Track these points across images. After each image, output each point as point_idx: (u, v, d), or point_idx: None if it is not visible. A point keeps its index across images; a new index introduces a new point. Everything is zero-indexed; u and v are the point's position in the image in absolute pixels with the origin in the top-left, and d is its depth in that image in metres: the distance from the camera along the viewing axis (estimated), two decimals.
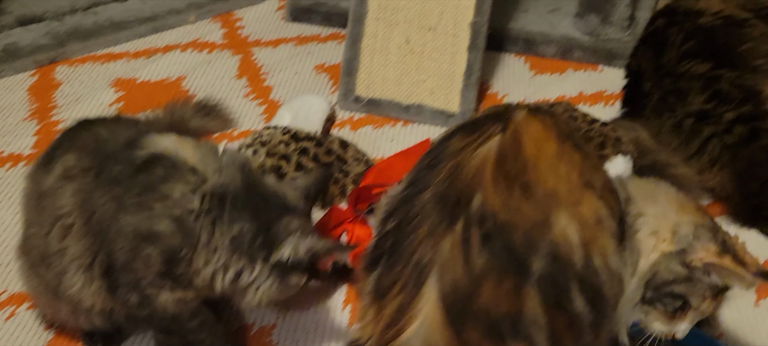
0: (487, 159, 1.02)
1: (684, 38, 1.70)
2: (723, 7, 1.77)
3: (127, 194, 1.13)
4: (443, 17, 1.86)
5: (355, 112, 1.92)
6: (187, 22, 2.26)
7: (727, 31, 1.72)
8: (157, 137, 1.20)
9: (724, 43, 1.70)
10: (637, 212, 1.11)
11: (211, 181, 1.14)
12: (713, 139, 1.61)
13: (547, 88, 1.99)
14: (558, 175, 1.02)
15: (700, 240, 1.09)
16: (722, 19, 1.74)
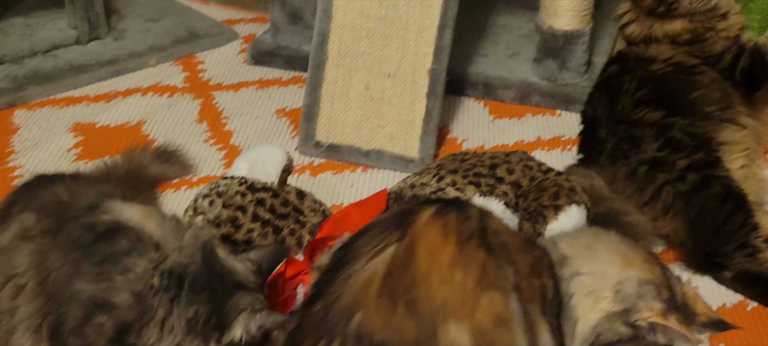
0: (376, 273, 1.01)
1: (637, 86, 1.74)
2: (673, 53, 1.81)
3: (86, 260, 1.12)
4: (402, 64, 1.88)
5: (315, 157, 1.92)
6: (149, 66, 2.26)
7: (678, 78, 1.76)
8: (121, 205, 1.19)
9: (676, 91, 1.74)
10: (571, 272, 1.09)
11: (171, 258, 1.14)
12: (667, 186, 1.64)
13: (506, 132, 2.02)
14: (451, 285, 1.00)
15: (644, 298, 1.07)
16: (672, 65, 1.78)
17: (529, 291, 1.05)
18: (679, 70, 1.77)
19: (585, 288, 1.08)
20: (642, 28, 1.86)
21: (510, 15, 2.42)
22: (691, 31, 1.83)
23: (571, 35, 2.03)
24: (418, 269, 1.01)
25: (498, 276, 1.03)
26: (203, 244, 1.16)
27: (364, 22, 1.89)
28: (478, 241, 1.05)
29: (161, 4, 2.54)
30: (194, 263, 1.14)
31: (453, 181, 1.54)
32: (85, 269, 1.11)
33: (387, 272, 1.01)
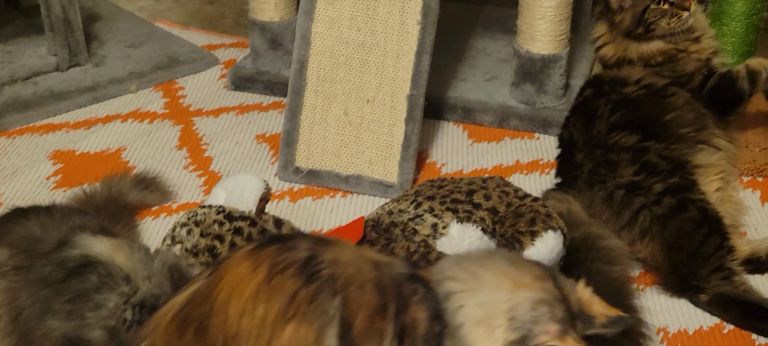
0: (174, 305, 1.01)
1: (612, 109, 1.76)
2: (643, 74, 1.82)
3: (57, 298, 1.12)
4: (381, 90, 1.89)
5: (294, 183, 1.93)
6: (129, 92, 2.27)
7: (651, 101, 1.78)
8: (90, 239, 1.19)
9: (650, 114, 1.76)
10: (457, 305, 1.03)
11: (142, 290, 1.14)
12: (644, 210, 1.65)
13: (485, 156, 2.03)
14: (251, 316, 0.98)
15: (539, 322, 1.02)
16: (645, 87, 1.80)
17: (366, 324, 1.00)
18: (652, 93, 1.79)
19: (474, 319, 1.03)
20: (617, 50, 1.87)
21: (489, 39, 2.44)
22: (665, 52, 1.85)
23: (549, 59, 2.05)
24: (217, 301, 0.99)
25: (311, 307, 0.99)
26: (170, 269, 1.16)
27: (343, 48, 1.91)
28: (296, 271, 1.01)
29: (142, 30, 2.55)
30: (165, 292, 1.14)
31: (430, 207, 1.54)
32: (57, 307, 1.11)
33: (185, 303, 1.00)
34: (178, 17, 2.77)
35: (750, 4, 1.96)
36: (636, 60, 1.84)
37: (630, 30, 1.82)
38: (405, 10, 1.87)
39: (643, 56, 1.84)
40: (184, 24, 2.70)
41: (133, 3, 2.87)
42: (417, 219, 1.52)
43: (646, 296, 1.60)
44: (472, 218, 1.52)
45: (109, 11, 2.68)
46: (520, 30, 2.06)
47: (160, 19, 2.72)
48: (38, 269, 1.15)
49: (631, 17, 1.80)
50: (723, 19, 1.98)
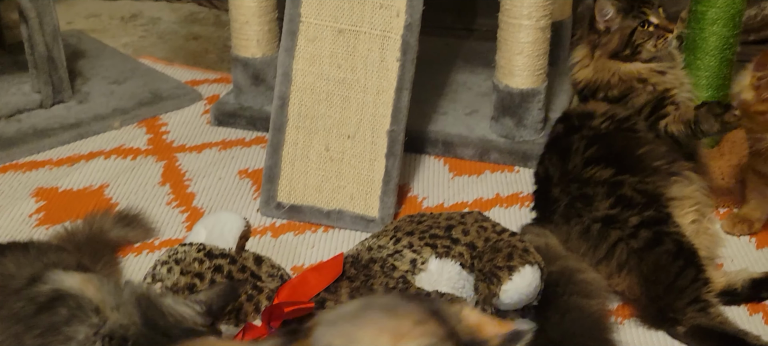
0: None
1: (587, 144, 1.78)
2: (608, 108, 1.85)
3: (28, 332, 1.13)
4: (361, 126, 1.91)
5: (277, 218, 1.94)
6: (112, 128, 2.28)
7: (625, 135, 1.80)
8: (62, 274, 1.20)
9: (624, 148, 1.78)
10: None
11: (111, 320, 1.15)
12: (620, 243, 1.67)
13: (465, 189, 2.05)
14: None
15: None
16: (609, 119, 1.82)
17: None
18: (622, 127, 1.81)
19: None
20: (596, 72, 1.87)
21: (469, 73, 2.47)
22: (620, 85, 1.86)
23: (527, 94, 2.08)
24: None
25: None
26: (138, 299, 1.17)
27: (324, 85, 1.93)
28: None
29: (126, 67, 2.57)
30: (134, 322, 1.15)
31: (410, 243, 1.56)
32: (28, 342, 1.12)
33: None
34: (163, 53, 2.79)
35: (723, 39, 1.99)
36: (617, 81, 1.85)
37: (617, 51, 1.83)
38: (384, 48, 1.90)
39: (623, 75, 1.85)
40: (168, 60, 2.72)
41: (117, 39, 2.89)
42: (396, 255, 1.54)
43: (625, 329, 1.62)
44: (451, 253, 1.54)
45: (94, 48, 2.70)
46: (498, 65, 2.09)
47: (144, 55, 2.74)
48: (10, 305, 1.15)
49: (619, 39, 1.82)
50: (697, 53, 2.01)
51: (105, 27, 3.01)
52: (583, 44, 1.92)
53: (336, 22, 1.92)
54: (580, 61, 1.93)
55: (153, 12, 3.14)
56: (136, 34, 2.96)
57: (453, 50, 2.63)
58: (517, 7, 1.99)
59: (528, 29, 2.00)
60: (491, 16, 2.09)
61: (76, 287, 1.17)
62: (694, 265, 1.62)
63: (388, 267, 1.51)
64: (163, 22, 3.05)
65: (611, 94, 1.86)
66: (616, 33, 1.83)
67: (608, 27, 1.84)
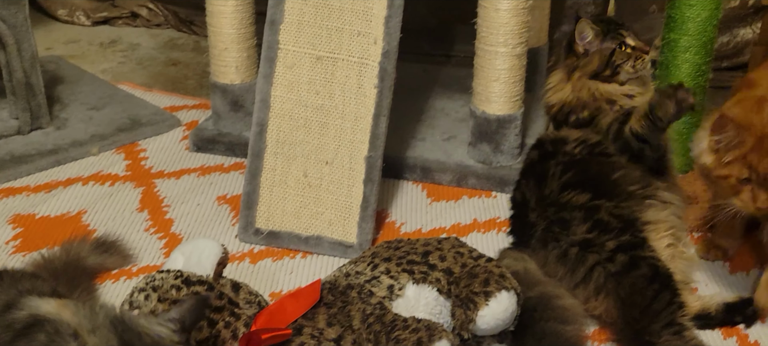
0: None
1: (562, 170, 1.80)
2: (580, 134, 1.88)
3: None
4: (339, 152, 1.92)
5: (255, 244, 1.94)
6: (90, 154, 2.28)
7: (598, 160, 1.83)
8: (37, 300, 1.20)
9: (599, 173, 1.81)
10: None
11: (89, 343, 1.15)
12: (598, 267, 1.68)
13: (443, 215, 2.06)
14: None
15: None
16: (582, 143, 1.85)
17: None
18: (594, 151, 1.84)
19: None
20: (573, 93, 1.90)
21: (447, 99, 2.49)
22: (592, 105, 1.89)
23: (504, 120, 2.10)
24: None
25: None
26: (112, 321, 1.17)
27: (302, 111, 1.94)
28: None
29: (104, 93, 2.57)
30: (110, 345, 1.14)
31: (387, 269, 1.57)
32: None
33: None
34: (142, 79, 2.80)
35: (695, 66, 2.03)
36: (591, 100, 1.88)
37: (597, 72, 1.87)
38: (362, 74, 1.91)
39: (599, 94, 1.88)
40: (147, 86, 2.72)
41: (96, 65, 2.89)
42: (373, 281, 1.55)
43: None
44: (428, 279, 1.55)
45: (72, 74, 2.70)
46: (475, 91, 2.11)
47: (123, 82, 2.74)
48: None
49: (599, 59, 1.86)
50: (670, 80, 2.04)
51: (84, 53, 3.01)
52: (558, 69, 1.96)
53: (314, 49, 1.94)
54: (555, 86, 1.97)
55: (132, 38, 3.14)
56: (115, 60, 2.96)
57: (431, 76, 2.66)
58: (493, 35, 2.01)
59: (504, 56, 2.02)
60: (469, 43, 2.11)
61: (52, 312, 1.17)
62: (669, 289, 1.64)
63: (365, 293, 1.52)
64: (142, 48, 3.06)
65: (582, 116, 1.88)
66: (596, 54, 1.87)
67: (587, 50, 1.87)
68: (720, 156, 1.61)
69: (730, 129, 1.57)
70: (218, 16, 2.20)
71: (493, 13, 1.99)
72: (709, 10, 1.96)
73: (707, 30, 1.98)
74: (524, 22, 2.01)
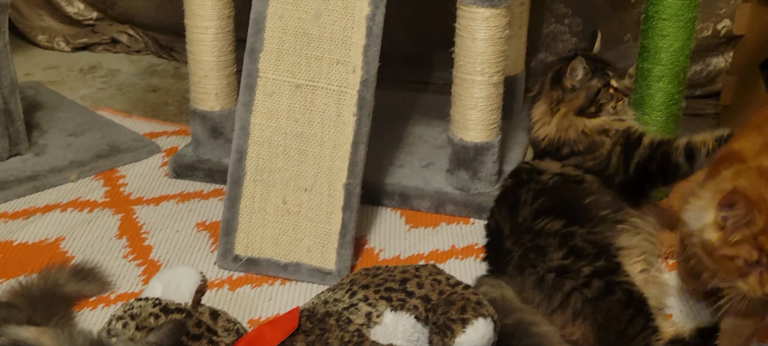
0: None
1: (534, 196, 1.83)
2: (561, 169, 1.93)
3: None
4: (318, 179, 1.94)
5: (234, 271, 1.95)
6: (69, 181, 2.28)
7: (569, 187, 1.87)
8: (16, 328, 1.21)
9: (570, 199, 1.84)
10: None
11: None
12: (574, 293, 1.70)
13: (422, 242, 2.08)
14: None
15: None
16: (559, 175, 1.90)
17: None
18: (569, 180, 1.89)
19: None
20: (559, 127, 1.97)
21: (426, 126, 2.52)
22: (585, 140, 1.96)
23: (481, 147, 2.13)
24: None
25: None
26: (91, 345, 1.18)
27: (281, 138, 1.96)
28: None
29: (84, 119, 2.57)
30: None
31: (365, 296, 1.58)
32: None
33: None
34: (121, 105, 2.80)
35: (669, 95, 2.06)
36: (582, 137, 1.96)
37: (583, 108, 1.95)
38: (341, 102, 1.93)
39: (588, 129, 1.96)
40: (126, 112, 2.73)
41: (75, 91, 2.89)
42: (352, 308, 1.56)
43: None
44: (406, 306, 1.56)
45: (52, 100, 2.70)
46: (453, 119, 2.14)
47: (102, 108, 2.74)
48: None
49: (585, 97, 1.94)
50: (644, 108, 2.07)
51: (63, 79, 3.01)
52: (541, 101, 2.01)
53: (293, 77, 1.96)
54: (540, 119, 2.00)
55: (112, 64, 3.15)
56: (95, 86, 2.97)
57: (410, 103, 2.68)
58: (470, 64, 2.04)
59: (481, 85, 2.05)
60: (447, 70, 2.14)
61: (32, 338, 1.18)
62: (643, 313, 1.66)
63: (343, 321, 1.53)
64: (122, 74, 3.06)
65: (577, 148, 1.96)
66: (582, 91, 1.95)
67: (574, 85, 1.95)
68: (727, 234, 1.46)
69: (741, 206, 1.43)
70: (198, 44, 2.21)
71: (470, 43, 2.02)
72: (681, 41, 2.00)
73: (680, 60, 2.02)
74: (501, 51, 2.04)
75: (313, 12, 1.95)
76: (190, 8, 2.19)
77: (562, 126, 1.97)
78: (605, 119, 1.96)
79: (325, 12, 1.94)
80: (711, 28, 2.73)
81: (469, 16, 2.00)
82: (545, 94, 2.01)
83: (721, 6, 2.71)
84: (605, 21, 2.80)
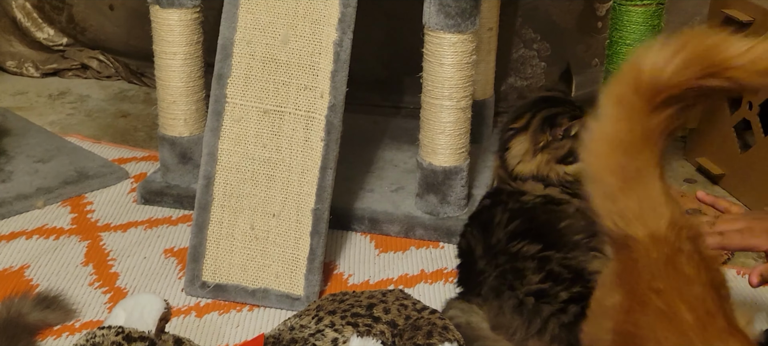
0: None
1: (509, 218, 1.83)
2: (547, 192, 1.92)
3: None
4: (286, 204, 1.93)
5: (201, 298, 1.93)
6: (35, 208, 2.25)
7: (545, 209, 1.86)
8: None
9: (546, 222, 1.84)
10: None
11: None
12: (552, 318, 1.70)
13: (391, 266, 2.08)
14: None
15: None
16: (542, 197, 1.89)
17: None
18: (548, 201, 1.88)
19: None
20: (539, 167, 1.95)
21: (396, 150, 2.52)
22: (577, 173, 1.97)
23: (450, 171, 2.14)
24: None
25: None
26: None
27: (249, 164, 1.95)
28: None
29: (51, 145, 2.55)
30: None
31: (331, 322, 1.57)
32: None
33: None
34: (91, 131, 2.79)
35: None
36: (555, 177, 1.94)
37: (565, 157, 1.95)
38: (309, 128, 1.93)
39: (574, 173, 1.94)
40: (96, 138, 2.71)
41: (44, 117, 2.87)
42: (318, 334, 1.55)
43: None
44: (372, 331, 1.56)
45: (19, 126, 2.68)
46: (422, 143, 2.15)
47: (71, 133, 2.72)
48: None
49: (569, 149, 1.93)
50: None
51: (32, 105, 2.99)
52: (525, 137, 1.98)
53: (261, 102, 1.96)
54: (522, 157, 1.99)
55: (82, 90, 3.13)
56: (64, 111, 2.95)
57: (380, 128, 2.69)
58: (438, 89, 2.05)
59: (449, 109, 2.06)
60: (418, 95, 2.14)
61: None
62: None
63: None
64: (91, 100, 3.05)
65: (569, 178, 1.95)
66: (568, 142, 1.94)
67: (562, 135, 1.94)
68: None
69: None
70: (166, 70, 2.21)
71: (438, 68, 2.03)
72: None
73: None
74: (468, 76, 2.05)
75: (280, 38, 1.95)
76: (158, 34, 2.19)
77: (544, 171, 1.95)
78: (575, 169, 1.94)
79: (293, 38, 1.95)
80: None
81: (436, 42, 2.01)
82: (533, 133, 1.98)
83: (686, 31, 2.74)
84: (573, 46, 2.83)
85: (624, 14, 2.00)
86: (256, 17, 1.96)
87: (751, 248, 1.66)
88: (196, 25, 2.19)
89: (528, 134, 1.98)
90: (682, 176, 2.56)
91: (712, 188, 2.50)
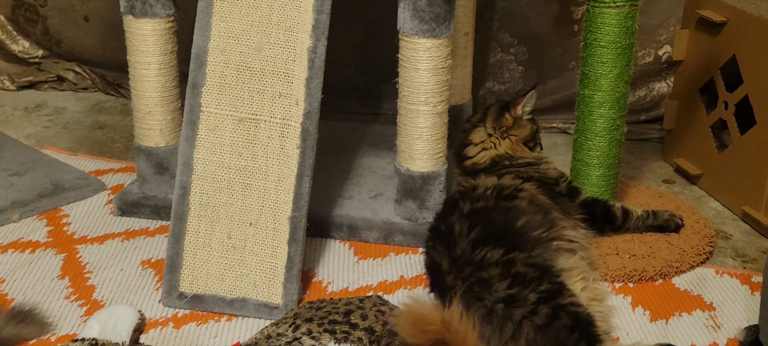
0: None
1: (469, 226, 1.82)
2: (498, 182, 1.98)
3: None
4: (263, 213, 1.92)
5: (179, 309, 1.92)
6: (11, 222, 2.23)
7: (500, 209, 1.88)
8: None
9: (503, 224, 1.85)
10: None
11: None
12: (525, 321, 1.69)
13: (370, 273, 2.07)
14: None
15: None
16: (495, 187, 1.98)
17: None
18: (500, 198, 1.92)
19: None
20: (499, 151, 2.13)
21: (374, 156, 2.52)
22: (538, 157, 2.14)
23: (428, 177, 2.13)
24: None
25: None
26: None
27: (225, 173, 1.94)
28: None
29: (27, 158, 2.53)
30: None
31: (309, 329, 1.56)
32: None
33: None
34: (67, 143, 2.76)
35: (610, 120, 2.09)
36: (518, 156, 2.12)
37: (526, 141, 2.13)
38: (285, 135, 1.93)
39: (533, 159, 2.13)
40: (72, 150, 2.69)
41: (20, 130, 2.85)
42: (295, 342, 1.54)
43: None
44: (350, 338, 1.55)
45: None
46: (399, 149, 2.14)
47: (47, 146, 2.70)
48: None
49: (530, 132, 2.12)
50: (587, 134, 2.10)
51: (8, 118, 2.97)
52: (482, 128, 2.09)
53: (236, 111, 1.95)
54: (483, 143, 2.05)
55: (58, 102, 3.11)
56: (40, 124, 2.92)
57: (359, 135, 2.68)
58: (414, 94, 2.05)
59: (426, 115, 2.06)
60: (396, 101, 2.14)
61: None
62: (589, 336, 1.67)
63: None
64: (68, 112, 3.03)
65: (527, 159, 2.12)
66: (527, 125, 2.12)
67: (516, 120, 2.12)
68: None
69: None
70: (141, 80, 2.19)
71: (414, 73, 2.03)
72: (619, 67, 2.03)
73: (619, 86, 2.05)
74: (444, 80, 2.05)
75: (254, 45, 1.94)
76: (132, 44, 2.17)
77: (515, 151, 2.11)
78: (541, 154, 2.17)
79: (267, 45, 1.94)
80: (652, 54, 2.78)
81: (411, 47, 2.01)
82: (494, 120, 2.12)
83: (662, 33, 2.76)
84: (550, 49, 2.84)
85: (598, 16, 2.00)
86: (229, 25, 1.96)
87: None
88: (171, 34, 2.18)
89: (486, 124, 2.13)
90: (660, 176, 2.57)
91: (690, 187, 2.51)
